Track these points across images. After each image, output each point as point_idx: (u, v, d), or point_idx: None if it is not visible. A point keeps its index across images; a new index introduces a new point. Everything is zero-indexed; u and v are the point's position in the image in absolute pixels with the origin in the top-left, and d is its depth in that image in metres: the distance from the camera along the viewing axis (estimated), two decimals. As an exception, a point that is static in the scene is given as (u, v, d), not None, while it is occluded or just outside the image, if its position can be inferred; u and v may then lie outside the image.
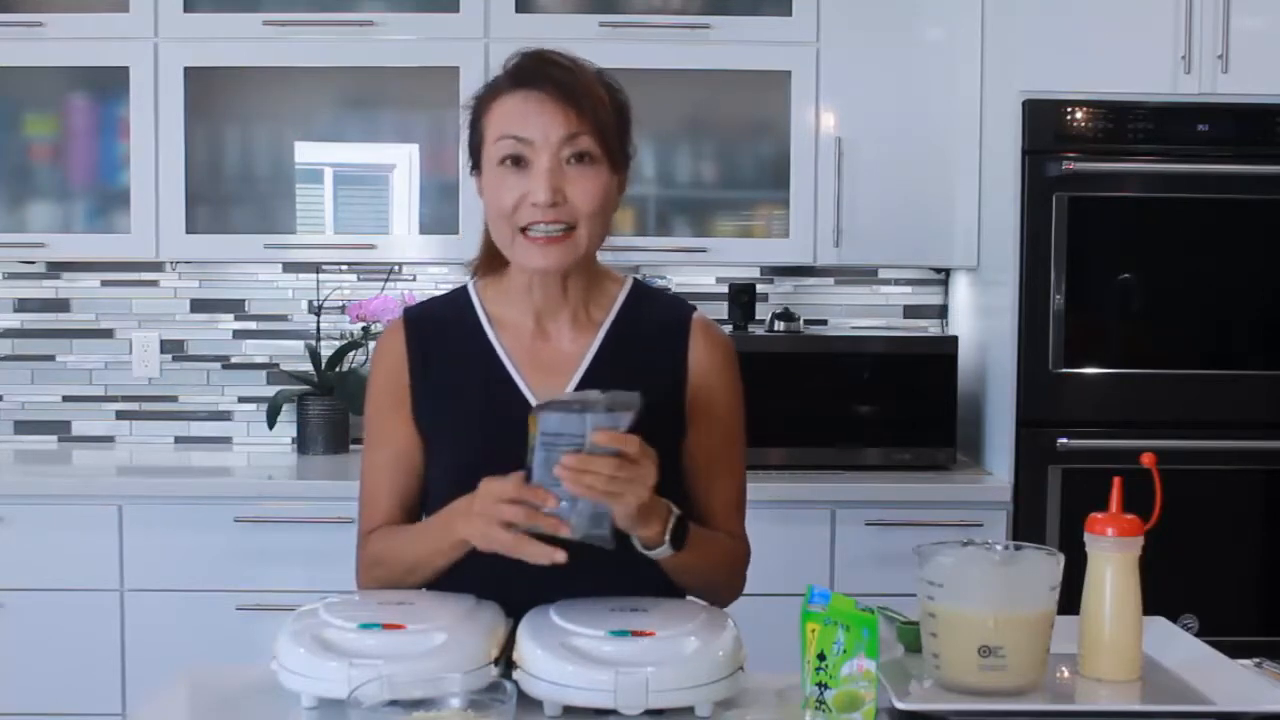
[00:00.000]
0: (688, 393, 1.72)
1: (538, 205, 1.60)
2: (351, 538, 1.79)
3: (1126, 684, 1.51)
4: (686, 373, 1.72)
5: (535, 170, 1.60)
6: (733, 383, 1.76)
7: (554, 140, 1.60)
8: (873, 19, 3.30)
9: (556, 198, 1.60)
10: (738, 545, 1.78)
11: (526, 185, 1.61)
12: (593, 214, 1.63)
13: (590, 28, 3.27)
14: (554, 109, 1.60)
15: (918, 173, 3.32)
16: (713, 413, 1.73)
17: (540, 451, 1.47)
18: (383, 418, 1.75)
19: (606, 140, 1.63)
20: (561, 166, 1.61)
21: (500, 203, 1.63)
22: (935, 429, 3.26)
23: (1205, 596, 3.00)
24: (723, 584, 1.75)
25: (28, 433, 3.66)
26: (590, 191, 1.62)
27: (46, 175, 3.44)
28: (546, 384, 1.69)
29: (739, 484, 1.78)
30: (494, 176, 1.64)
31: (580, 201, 1.61)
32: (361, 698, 1.27)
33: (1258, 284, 3.09)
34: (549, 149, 1.60)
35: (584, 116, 1.61)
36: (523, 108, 1.62)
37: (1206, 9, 3.01)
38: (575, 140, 1.61)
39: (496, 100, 1.65)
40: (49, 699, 3.05)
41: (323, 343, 3.54)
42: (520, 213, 1.62)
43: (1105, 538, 1.53)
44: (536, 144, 1.61)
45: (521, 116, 1.62)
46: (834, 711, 1.37)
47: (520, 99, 1.62)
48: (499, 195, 1.63)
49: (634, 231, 3.39)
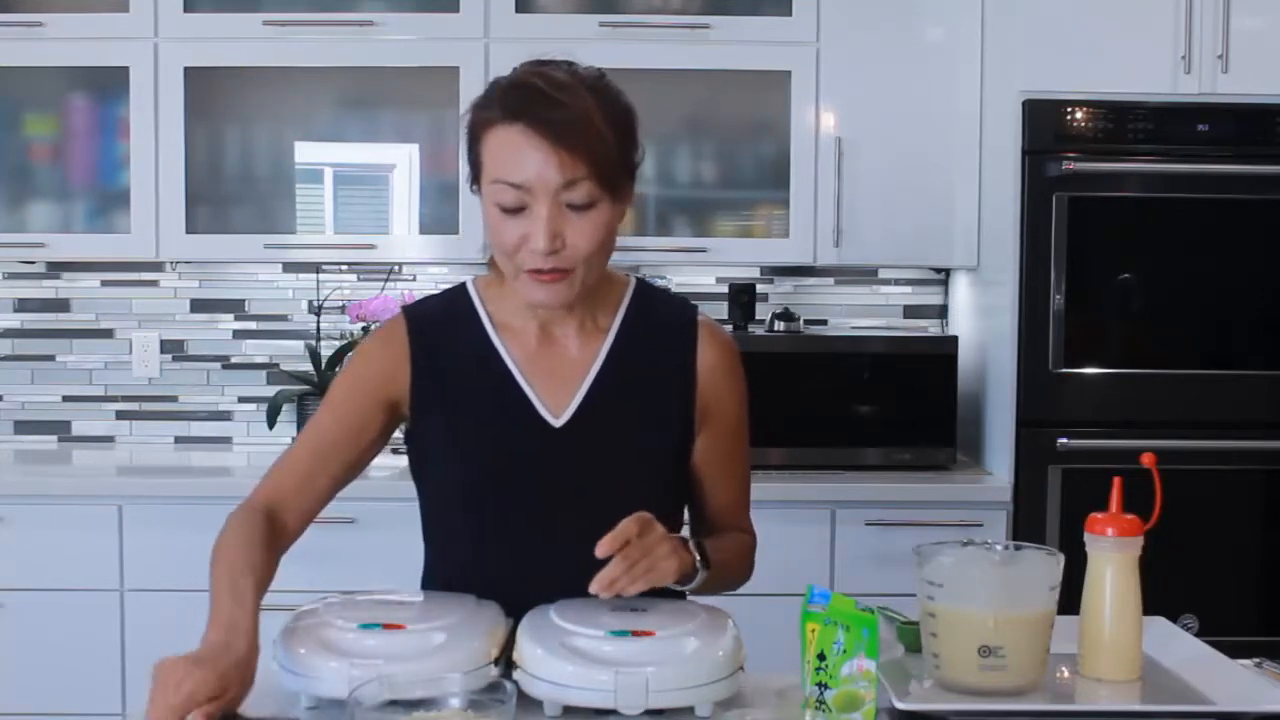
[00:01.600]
0: (697, 400, 1.72)
1: (537, 252, 1.56)
2: (352, 537, 1.79)
3: (1126, 684, 1.51)
4: (695, 379, 1.72)
5: (534, 216, 1.55)
6: (738, 383, 1.76)
7: (551, 187, 1.54)
8: (873, 19, 3.30)
9: (556, 244, 1.55)
10: (746, 538, 1.81)
11: (526, 228, 1.56)
12: (591, 255, 1.58)
13: (590, 28, 3.27)
14: (549, 154, 1.53)
15: (918, 173, 3.32)
16: (720, 413, 1.74)
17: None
18: (341, 400, 1.70)
19: (605, 178, 1.56)
20: (560, 211, 1.55)
21: (500, 239, 1.59)
22: (935, 429, 3.26)
23: (1205, 596, 3.00)
24: (738, 579, 1.78)
25: (28, 433, 3.66)
26: (590, 235, 1.57)
27: (46, 175, 3.44)
28: (555, 392, 1.68)
29: (746, 481, 1.81)
30: (494, 212, 1.59)
31: (580, 243, 1.56)
32: (361, 698, 1.27)
33: (1258, 284, 3.09)
34: (546, 195, 1.54)
35: (579, 160, 1.54)
36: (517, 151, 1.54)
37: (1206, 9, 3.01)
38: (573, 187, 1.54)
39: (492, 130, 1.57)
40: (49, 699, 3.05)
41: (323, 343, 3.54)
42: (521, 255, 1.57)
43: (1105, 538, 1.53)
44: (535, 190, 1.54)
45: (517, 160, 1.54)
46: (834, 711, 1.37)
47: (516, 135, 1.54)
48: (500, 234, 1.59)
49: (634, 231, 3.39)
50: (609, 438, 1.67)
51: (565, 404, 1.68)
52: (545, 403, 1.67)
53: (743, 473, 1.80)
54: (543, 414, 1.67)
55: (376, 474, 1.74)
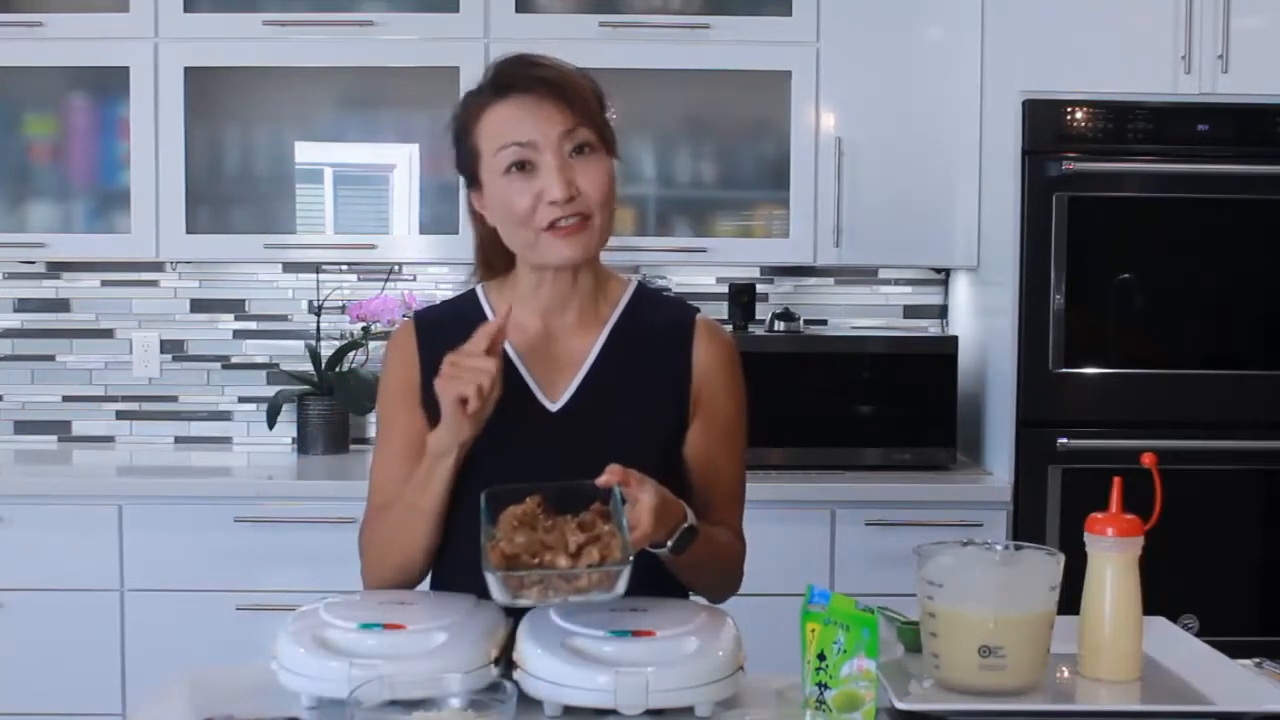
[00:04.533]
0: (692, 391, 1.75)
1: (556, 202, 1.63)
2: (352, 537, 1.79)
3: (1126, 684, 1.51)
4: (691, 372, 1.75)
5: (544, 170, 1.64)
6: (735, 381, 1.79)
7: (555, 137, 1.64)
8: (872, 19, 3.30)
9: (571, 190, 1.64)
10: (735, 542, 1.79)
11: (538, 185, 1.64)
12: (604, 202, 1.67)
13: (590, 28, 3.26)
14: (549, 108, 1.64)
15: (918, 173, 3.32)
16: (715, 410, 1.76)
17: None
18: (395, 411, 1.77)
19: (599, 127, 1.67)
20: (567, 160, 1.64)
21: (514, 209, 1.65)
22: (935, 429, 3.26)
23: (1205, 596, 3.00)
24: (718, 584, 1.76)
25: (28, 433, 3.66)
26: (598, 180, 1.66)
27: (46, 175, 3.44)
28: (554, 379, 1.72)
29: (739, 481, 1.81)
30: (501, 185, 1.66)
31: (591, 190, 1.65)
32: (361, 698, 1.27)
33: (1258, 284, 3.09)
34: (552, 147, 1.64)
35: (577, 109, 1.64)
36: (517, 113, 1.65)
37: (1206, 9, 3.01)
38: (574, 133, 1.65)
39: (486, 112, 1.68)
40: (49, 699, 3.05)
41: (323, 343, 3.54)
42: (539, 214, 1.64)
43: (1105, 538, 1.53)
44: (539, 144, 1.64)
45: (518, 122, 1.65)
46: (834, 711, 1.37)
47: (512, 105, 1.65)
48: (511, 202, 1.65)
49: (634, 231, 3.39)
50: (604, 422, 1.70)
51: (563, 389, 1.72)
52: (543, 388, 1.72)
53: (733, 473, 1.79)
54: (540, 399, 1.72)
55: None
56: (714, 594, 1.76)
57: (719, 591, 1.77)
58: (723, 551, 1.74)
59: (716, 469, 1.77)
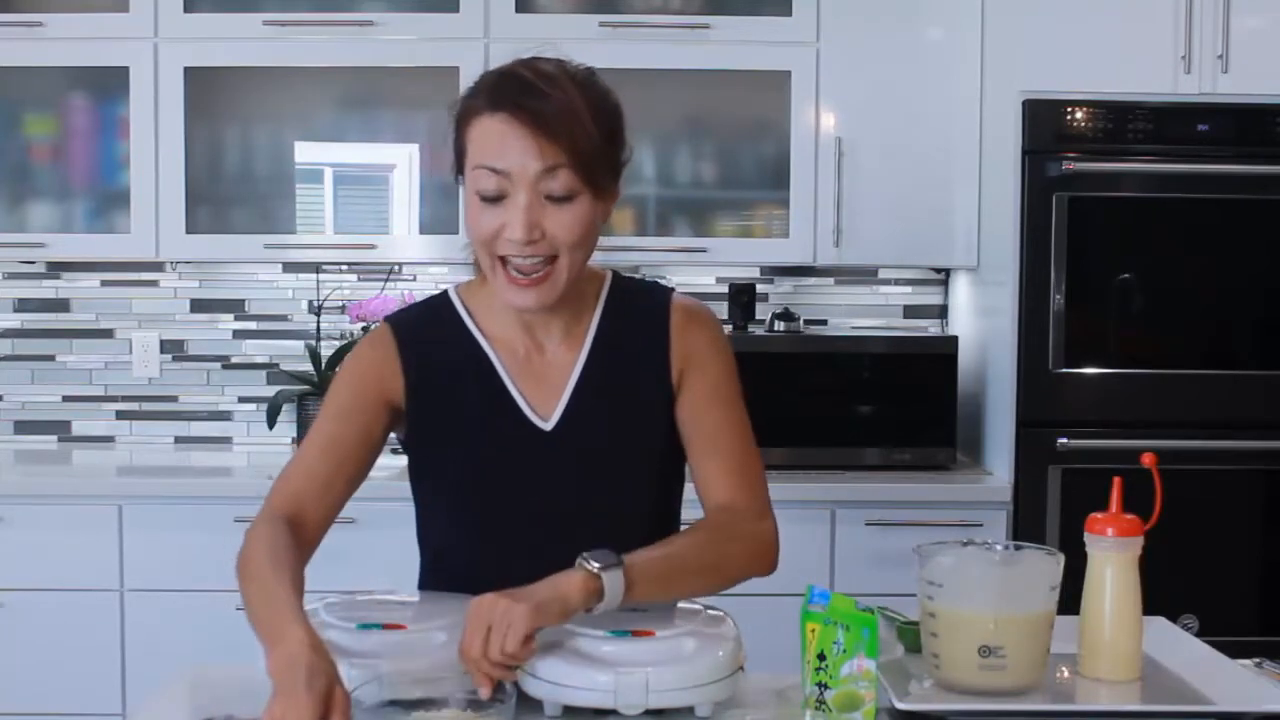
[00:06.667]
0: (673, 375, 1.70)
1: (514, 241, 1.56)
2: (352, 537, 1.79)
3: (1126, 684, 1.52)
4: (669, 355, 1.70)
5: (511, 206, 1.55)
6: (718, 354, 1.73)
7: (530, 174, 1.55)
8: (872, 19, 3.30)
9: (533, 234, 1.55)
10: (725, 519, 1.68)
11: (504, 217, 1.56)
12: (573, 245, 1.58)
13: (590, 28, 3.27)
14: (530, 141, 1.54)
15: (918, 173, 3.32)
16: (701, 387, 1.71)
17: None
18: (337, 410, 1.69)
19: (587, 170, 1.56)
20: (539, 201, 1.56)
21: (478, 229, 1.59)
22: (935, 429, 3.26)
23: (1205, 596, 3.00)
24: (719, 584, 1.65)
25: (28, 433, 3.66)
26: (568, 226, 1.57)
27: (46, 175, 3.44)
28: (543, 396, 1.69)
29: (741, 454, 1.73)
30: (473, 200, 1.59)
31: (560, 234, 1.57)
32: (361, 698, 1.27)
33: (1258, 284, 3.09)
34: (525, 183, 1.55)
35: (561, 148, 1.54)
36: (499, 138, 1.55)
37: (1206, 9, 3.01)
38: (553, 174, 1.55)
39: (476, 119, 1.59)
40: (49, 699, 3.05)
41: (323, 343, 3.54)
42: (498, 243, 1.58)
43: (1105, 538, 1.53)
44: (514, 177, 1.55)
45: (498, 146, 1.55)
46: (834, 711, 1.37)
47: (498, 124, 1.56)
48: (478, 223, 1.59)
49: (634, 231, 3.39)
50: (597, 438, 1.67)
51: (553, 407, 1.68)
52: (534, 407, 1.68)
53: (734, 447, 1.72)
54: (532, 419, 1.68)
55: (377, 474, 1.74)
56: (732, 585, 1.65)
57: (735, 582, 1.65)
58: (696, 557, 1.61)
59: (714, 448, 1.70)
